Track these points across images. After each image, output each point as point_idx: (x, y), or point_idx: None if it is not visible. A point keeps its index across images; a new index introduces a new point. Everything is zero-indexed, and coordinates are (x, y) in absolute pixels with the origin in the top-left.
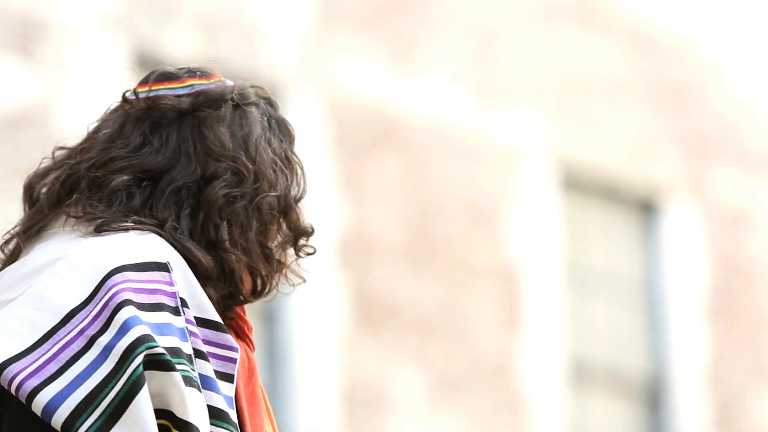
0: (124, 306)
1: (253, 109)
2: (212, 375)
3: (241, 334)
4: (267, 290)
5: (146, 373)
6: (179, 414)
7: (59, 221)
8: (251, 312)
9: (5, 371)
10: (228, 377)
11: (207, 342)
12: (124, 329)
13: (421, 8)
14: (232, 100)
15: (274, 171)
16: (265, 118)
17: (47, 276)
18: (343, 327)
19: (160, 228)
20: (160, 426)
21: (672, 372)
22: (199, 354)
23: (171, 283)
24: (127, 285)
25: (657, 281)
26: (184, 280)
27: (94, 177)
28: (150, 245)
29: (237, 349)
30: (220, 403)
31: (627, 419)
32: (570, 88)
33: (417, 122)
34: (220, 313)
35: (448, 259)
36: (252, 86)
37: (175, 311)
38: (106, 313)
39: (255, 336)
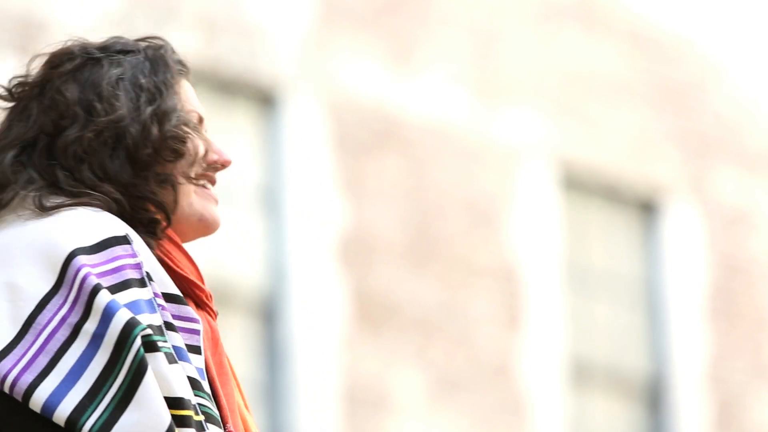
0: (99, 290)
1: (118, 57)
2: (183, 346)
3: (201, 304)
4: (171, 208)
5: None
6: (166, 393)
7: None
8: (251, 312)
9: None
10: (195, 349)
11: (173, 316)
12: (107, 316)
13: (421, 8)
14: (84, 54)
15: (134, 101)
16: (138, 60)
17: (7, 264)
18: (343, 327)
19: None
20: None
21: (672, 372)
22: (169, 326)
23: (134, 255)
24: (89, 270)
25: (657, 281)
26: (145, 254)
27: None
28: (103, 220)
29: (198, 320)
30: (194, 372)
31: (627, 419)
32: (570, 88)
33: (417, 122)
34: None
35: (448, 259)
36: (144, 39)
37: (141, 283)
38: (83, 298)
39: (255, 336)
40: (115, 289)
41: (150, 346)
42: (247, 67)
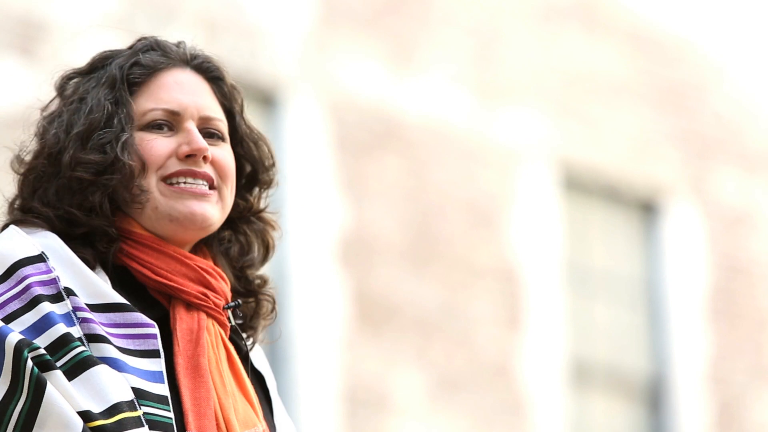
0: None
1: (86, 78)
2: (116, 355)
3: (193, 304)
4: (101, 224)
5: None
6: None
7: None
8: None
9: None
10: (151, 353)
11: (114, 325)
12: (0, 343)
13: (421, 8)
14: (61, 84)
15: (68, 128)
16: (94, 77)
17: None
18: (343, 327)
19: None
20: None
21: (672, 372)
22: (94, 338)
23: (48, 271)
24: None
25: (657, 281)
26: (71, 271)
27: None
28: (16, 245)
29: (152, 324)
30: (134, 381)
31: (627, 419)
32: (570, 88)
33: (417, 122)
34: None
35: (448, 259)
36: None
37: (56, 298)
38: None
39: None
40: (23, 310)
41: (43, 365)
42: (248, 67)
